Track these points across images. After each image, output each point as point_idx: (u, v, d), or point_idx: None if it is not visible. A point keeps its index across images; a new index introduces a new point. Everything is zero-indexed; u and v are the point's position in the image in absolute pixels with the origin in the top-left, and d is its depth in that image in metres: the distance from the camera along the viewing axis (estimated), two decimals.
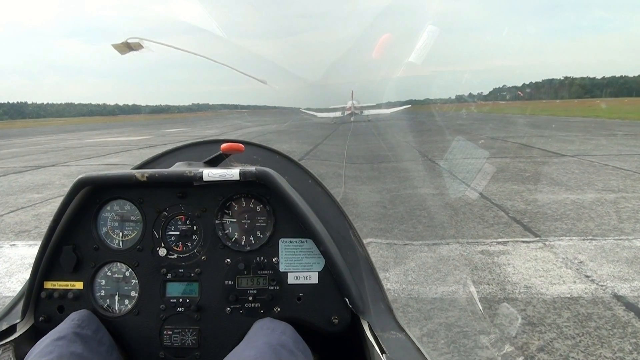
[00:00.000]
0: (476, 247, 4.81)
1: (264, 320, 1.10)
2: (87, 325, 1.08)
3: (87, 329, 1.07)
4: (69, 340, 0.99)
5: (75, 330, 1.03)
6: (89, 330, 1.07)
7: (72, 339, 1.00)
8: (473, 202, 6.81)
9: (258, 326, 1.08)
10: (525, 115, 45.77)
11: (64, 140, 27.23)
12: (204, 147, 1.45)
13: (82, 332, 1.04)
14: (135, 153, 16.44)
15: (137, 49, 1.39)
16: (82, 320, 1.08)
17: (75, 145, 22.12)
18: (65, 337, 1.00)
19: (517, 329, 3.03)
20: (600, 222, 5.59)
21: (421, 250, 4.79)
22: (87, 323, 1.09)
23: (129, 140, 24.62)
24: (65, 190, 1.15)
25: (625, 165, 9.95)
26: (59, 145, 22.99)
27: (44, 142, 25.98)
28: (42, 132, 44.80)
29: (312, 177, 1.41)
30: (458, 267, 4.25)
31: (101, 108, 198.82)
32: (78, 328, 1.05)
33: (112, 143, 22.90)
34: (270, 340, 0.99)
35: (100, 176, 1.16)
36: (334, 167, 11.27)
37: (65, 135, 34.63)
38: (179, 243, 1.19)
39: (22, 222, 6.53)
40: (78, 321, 1.07)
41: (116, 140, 25.01)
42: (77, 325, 1.06)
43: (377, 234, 5.42)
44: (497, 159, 11.87)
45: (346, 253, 1.23)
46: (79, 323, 1.07)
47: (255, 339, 1.02)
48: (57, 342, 0.98)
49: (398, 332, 1.10)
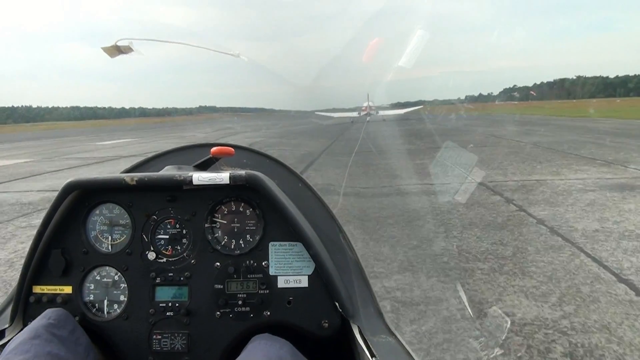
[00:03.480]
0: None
1: (262, 335, 1.10)
2: (63, 325, 1.06)
3: (63, 329, 1.05)
4: (45, 340, 0.98)
5: (50, 330, 1.02)
6: (65, 331, 1.05)
7: (48, 338, 0.99)
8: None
9: (256, 341, 1.08)
10: (558, 117, 38.29)
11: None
12: (194, 150, 1.45)
13: (57, 332, 1.03)
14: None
15: (127, 52, 1.39)
16: (57, 319, 1.07)
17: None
18: (40, 336, 0.98)
19: (506, 332, 3.01)
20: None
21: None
22: (63, 323, 1.07)
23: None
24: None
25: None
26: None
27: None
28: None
29: (302, 180, 1.41)
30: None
31: (107, 111, 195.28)
32: (53, 328, 1.03)
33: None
34: (269, 354, 0.99)
35: (89, 180, 1.15)
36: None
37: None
38: (169, 247, 1.19)
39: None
40: (54, 320, 1.06)
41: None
42: (53, 324, 1.04)
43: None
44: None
45: (336, 256, 1.23)
46: (55, 323, 1.05)
47: (253, 353, 1.01)
48: (33, 340, 0.96)
49: (388, 335, 1.11)
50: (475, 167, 9.77)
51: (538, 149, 13.78)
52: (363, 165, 11.49)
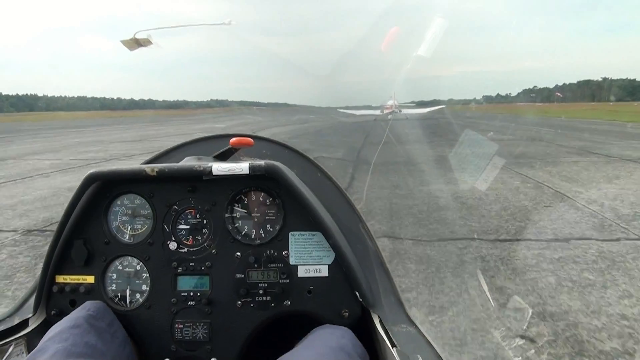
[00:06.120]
0: None
1: (323, 326, 1.11)
2: (101, 317, 1.09)
3: (101, 321, 1.07)
4: (84, 330, 1.00)
5: (89, 321, 1.04)
6: (103, 323, 1.08)
7: (87, 329, 1.01)
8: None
9: (318, 330, 1.08)
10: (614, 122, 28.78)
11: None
12: (214, 141, 1.46)
13: (96, 324, 1.05)
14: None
15: (146, 44, 1.40)
16: (97, 311, 1.09)
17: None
18: (80, 326, 1.01)
19: (528, 322, 2.94)
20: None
21: None
22: (102, 315, 1.10)
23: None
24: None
25: None
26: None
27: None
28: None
29: (322, 170, 1.40)
30: None
31: (115, 102, 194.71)
32: (93, 319, 1.06)
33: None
34: (330, 343, 0.99)
35: (110, 171, 1.17)
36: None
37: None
38: (189, 237, 1.20)
39: None
40: (93, 312, 1.08)
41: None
42: (92, 316, 1.07)
43: None
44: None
45: (356, 246, 1.23)
46: (94, 314, 1.08)
47: (314, 342, 1.02)
48: (72, 330, 0.99)
49: (409, 325, 1.10)
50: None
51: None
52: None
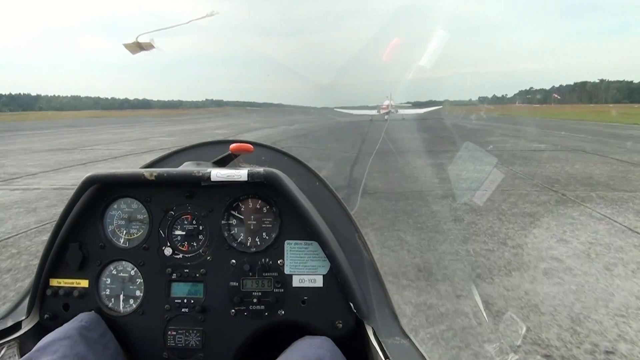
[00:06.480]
0: None
1: (304, 337, 1.10)
2: (94, 328, 1.07)
3: (93, 332, 1.06)
4: (74, 341, 0.99)
5: (81, 332, 1.03)
6: (95, 334, 1.06)
7: (78, 340, 1.00)
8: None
9: (297, 342, 1.08)
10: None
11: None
12: (213, 147, 1.45)
13: (88, 335, 1.04)
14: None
15: (148, 48, 1.39)
16: (89, 322, 1.08)
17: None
18: (70, 338, 1.00)
19: (522, 338, 2.95)
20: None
21: None
22: (94, 326, 1.08)
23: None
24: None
25: None
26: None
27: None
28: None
29: (320, 179, 1.40)
30: None
31: (109, 102, 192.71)
32: (84, 330, 1.04)
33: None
34: (307, 354, 0.98)
35: (108, 174, 1.16)
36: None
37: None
38: (185, 243, 1.19)
39: None
40: (85, 323, 1.07)
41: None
42: (84, 327, 1.05)
43: None
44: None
45: (352, 257, 1.22)
46: (86, 325, 1.06)
47: (292, 354, 1.01)
48: (62, 341, 0.98)
49: (402, 338, 1.10)
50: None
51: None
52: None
